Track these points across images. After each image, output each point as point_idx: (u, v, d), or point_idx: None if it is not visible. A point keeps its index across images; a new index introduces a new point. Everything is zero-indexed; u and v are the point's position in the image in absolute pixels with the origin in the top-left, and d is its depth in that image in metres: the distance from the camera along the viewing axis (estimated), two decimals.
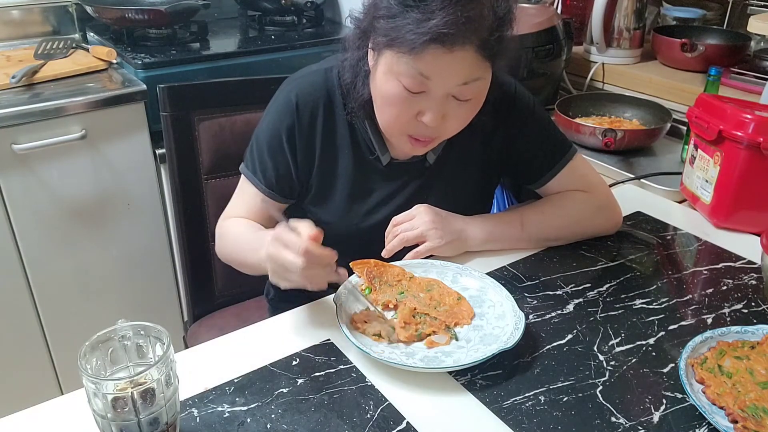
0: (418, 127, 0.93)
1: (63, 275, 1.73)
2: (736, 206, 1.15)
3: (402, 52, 0.85)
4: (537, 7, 1.83)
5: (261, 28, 2.11)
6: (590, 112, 1.71)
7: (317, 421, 0.75)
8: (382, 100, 0.93)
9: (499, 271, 1.04)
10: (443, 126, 0.93)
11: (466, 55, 0.85)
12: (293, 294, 1.18)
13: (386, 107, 0.93)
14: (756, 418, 0.72)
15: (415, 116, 0.91)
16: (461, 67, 0.86)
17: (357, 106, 1.00)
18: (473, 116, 0.96)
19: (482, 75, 0.90)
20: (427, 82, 0.87)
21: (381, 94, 0.92)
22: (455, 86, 0.88)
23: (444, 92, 0.89)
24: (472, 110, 0.95)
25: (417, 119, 0.92)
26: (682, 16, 1.95)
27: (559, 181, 1.11)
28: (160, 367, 0.65)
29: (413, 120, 0.92)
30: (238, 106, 1.30)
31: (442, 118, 0.91)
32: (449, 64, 0.85)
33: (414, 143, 0.96)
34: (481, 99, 0.94)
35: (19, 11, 1.97)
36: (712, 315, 0.94)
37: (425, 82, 0.87)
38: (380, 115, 0.96)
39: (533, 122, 1.10)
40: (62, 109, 1.57)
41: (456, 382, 0.81)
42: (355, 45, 0.97)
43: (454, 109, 0.92)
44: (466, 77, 0.88)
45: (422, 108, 0.90)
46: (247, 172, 1.07)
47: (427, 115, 0.90)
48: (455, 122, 0.94)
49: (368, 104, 0.98)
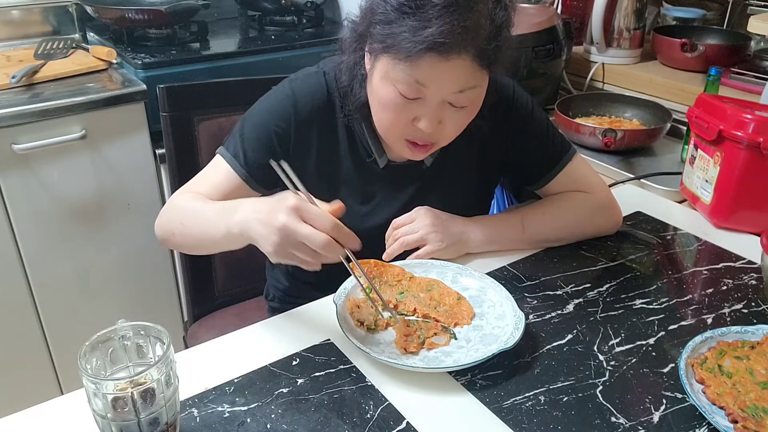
0: (415, 132, 0.92)
1: (63, 275, 1.73)
2: (736, 206, 1.15)
3: (398, 59, 0.85)
4: (537, 7, 1.83)
5: (261, 28, 2.11)
6: (590, 112, 1.71)
7: (317, 421, 0.75)
8: (379, 105, 0.93)
9: (499, 271, 1.04)
10: (440, 131, 0.93)
11: (462, 64, 0.84)
12: (293, 294, 1.19)
13: (382, 112, 0.93)
14: (756, 418, 0.72)
15: (411, 121, 0.91)
16: (457, 76, 0.86)
17: (354, 109, 0.99)
18: (470, 121, 0.96)
19: (478, 83, 0.89)
20: (422, 90, 0.87)
21: (377, 99, 0.92)
22: (451, 94, 0.88)
23: (440, 99, 0.88)
24: (469, 116, 0.94)
25: (413, 124, 0.91)
26: (682, 16, 1.95)
27: (559, 182, 1.11)
28: (160, 367, 0.65)
29: (410, 125, 0.92)
30: (238, 106, 1.30)
31: (439, 123, 0.91)
32: (445, 73, 0.85)
33: (413, 148, 0.95)
34: (477, 105, 0.94)
35: (19, 11, 1.98)
36: (712, 315, 0.94)
37: (421, 89, 0.87)
38: (377, 119, 0.96)
39: (532, 124, 1.10)
40: (62, 109, 1.57)
41: (456, 382, 0.81)
42: (351, 48, 0.97)
43: (450, 115, 0.91)
44: (462, 85, 0.87)
45: (418, 114, 0.90)
46: (226, 153, 1.02)
47: (423, 121, 0.90)
48: (452, 127, 0.94)
49: (365, 107, 0.98)
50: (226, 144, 1.04)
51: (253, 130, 1.02)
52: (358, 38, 0.95)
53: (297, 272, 1.18)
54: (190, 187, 1.03)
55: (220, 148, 1.04)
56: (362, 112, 0.99)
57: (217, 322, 1.37)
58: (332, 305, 0.90)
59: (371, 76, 0.93)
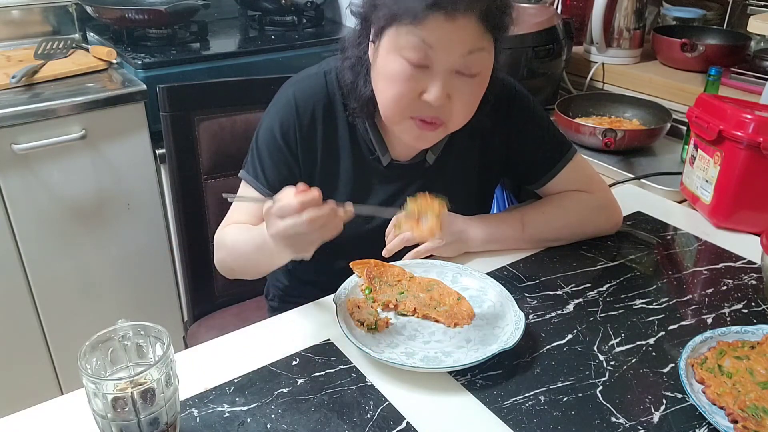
0: (423, 108, 0.91)
1: (63, 275, 1.73)
2: (736, 206, 1.15)
3: (404, 23, 0.86)
4: (537, 7, 1.83)
5: (261, 28, 2.11)
6: (590, 112, 1.71)
7: (317, 421, 0.75)
8: (385, 81, 0.91)
9: (499, 271, 1.04)
10: (448, 109, 0.91)
11: (468, 24, 0.85)
12: (293, 294, 1.19)
13: (389, 87, 0.91)
14: (756, 418, 0.72)
15: (418, 96, 0.90)
16: (464, 36, 0.86)
17: (359, 106, 0.99)
18: (477, 101, 0.95)
19: (485, 46, 0.89)
20: (430, 54, 0.86)
21: (384, 75, 0.91)
22: (459, 57, 0.87)
23: (447, 66, 0.88)
24: (477, 90, 0.93)
25: (421, 99, 0.90)
26: (682, 16, 1.95)
27: (560, 182, 1.11)
28: (160, 367, 0.65)
29: (417, 100, 0.90)
30: (238, 106, 1.30)
31: (447, 98, 0.90)
32: (452, 33, 0.85)
33: (421, 126, 0.93)
34: (485, 78, 0.93)
35: (19, 11, 1.98)
36: (712, 315, 0.94)
37: (428, 53, 0.86)
38: (383, 99, 0.94)
39: (533, 123, 1.10)
40: (62, 109, 1.57)
41: (456, 382, 0.81)
42: (355, 42, 0.97)
43: (457, 89, 0.90)
44: (469, 46, 0.87)
45: (426, 85, 0.89)
46: (247, 176, 1.05)
47: (432, 91, 0.89)
48: (460, 104, 0.92)
49: (370, 102, 0.98)
50: (246, 166, 1.06)
51: (265, 148, 1.03)
52: (363, 25, 0.95)
53: (297, 271, 1.18)
54: (228, 218, 1.07)
55: (242, 172, 1.06)
56: (367, 109, 0.99)
57: (217, 322, 1.37)
58: (332, 305, 0.90)
59: (375, 63, 0.93)
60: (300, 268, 1.17)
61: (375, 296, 0.94)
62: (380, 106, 0.96)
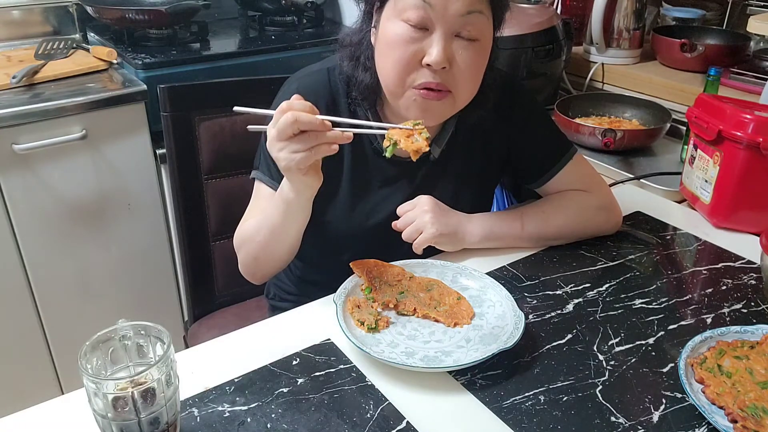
0: (425, 76, 0.92)
1: (63, 275, 1.73)
2: (735, 206, 1.15)
3: None
4: (537, 7, 1.83)
5: (261, 28, 2.11)
6: (590, 112, 1.71)
7: (317, 421, 0.75)
8: (386, 48, 0.93)
9: (499, 271, 1.05)
10: (452, 75, 0.92)
11: None
12: (293, 294, 1.19)
13: (390, 53, 0.92)
14: (755, 417, 0.72)
15: (419, 62, 0.91)
16: None
17: (361, 92, 1.00)
18: (481, 72, 0.96)
19: (483, 10, 0.91)
20: (429, 12, 0.88)
21: (385, 43, 0.93)
22: (458, 17, 0.89)
23: (447, 26, 0.89)
24: (477, 58, 0.94)
25: (422, 67, 0.91)
26: (682, 17, 1.95)
27: (560, 181, 1.12)
28: (161, 367, 0.65)
29: (418, 67, 0.92)
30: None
31: (449, 62, 0.91)
32: None
33: (426, 95, 0.93)
34: (485, 47, 0.94)
35: (20, 11, 1.98)
36: (711, 315, 0.94)
37: (428, 12, 0.88)
38: (384, 69, 0.95)
39: (534, 121, 1.10)
40: (62, 109, 1.57)
41: (456, 381, 0.81)
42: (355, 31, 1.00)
43: (459, 53, 0.91)
44: (468, 6, 0.89)
45: (427, 48, 0.90)
46: (259, 174, 1.05)
47: (433, 51, 0.90)
48: (463, 69, 0.92)
49: (373, 91, 0.99)
50: (257, 166, 1.07)
51: None
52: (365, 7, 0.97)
53: (298, 271, 1.18)
54: (243, 218, 1.07)
55: (255, 172, 1.07)
56: (369, 98, 1.00)
57: (218, 321, 1.37)
58: (332, 305, 0.91)
59: (377, 39, 0.95)
60: (300, 268, 1.17)
61: (375, 296, 0.94)
62: (382, 80, 0.97)
